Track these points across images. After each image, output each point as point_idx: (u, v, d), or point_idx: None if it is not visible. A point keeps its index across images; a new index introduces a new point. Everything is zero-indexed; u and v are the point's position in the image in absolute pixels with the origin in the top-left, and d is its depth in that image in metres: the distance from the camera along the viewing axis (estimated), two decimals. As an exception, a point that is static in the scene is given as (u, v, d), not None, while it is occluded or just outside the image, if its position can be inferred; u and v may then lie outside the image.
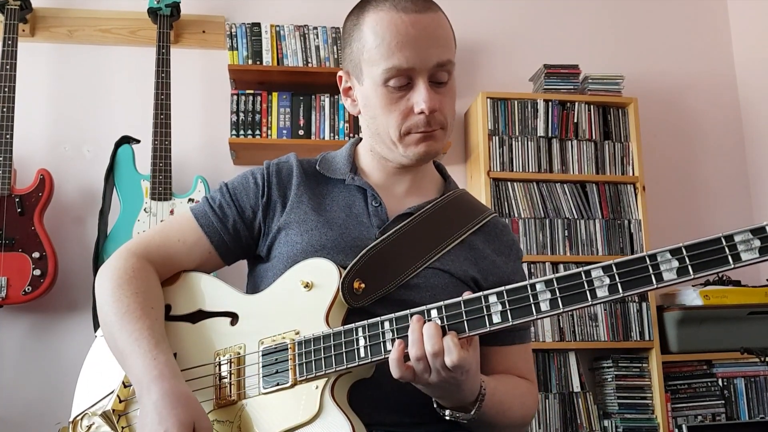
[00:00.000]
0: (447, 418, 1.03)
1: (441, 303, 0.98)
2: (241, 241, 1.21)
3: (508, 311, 0.94)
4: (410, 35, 1.09)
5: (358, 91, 1.18)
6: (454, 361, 0.93)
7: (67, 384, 1.28)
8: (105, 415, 1.10)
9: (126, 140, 2.78)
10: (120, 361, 1.10)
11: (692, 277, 0.87)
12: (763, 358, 2.39)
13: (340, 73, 1.22)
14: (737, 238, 0.86)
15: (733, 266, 0.86)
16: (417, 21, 1.09)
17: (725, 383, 2.92)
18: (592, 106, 3.09)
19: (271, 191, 1.21)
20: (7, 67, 2.70)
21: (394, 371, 0.96)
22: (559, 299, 0.92)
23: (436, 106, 1.11)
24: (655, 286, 0.89)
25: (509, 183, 2.96)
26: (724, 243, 0.86)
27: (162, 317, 1.14)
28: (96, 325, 2.53)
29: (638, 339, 2.87)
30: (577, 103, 3.07)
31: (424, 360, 0.94)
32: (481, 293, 0.96)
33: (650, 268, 0.89)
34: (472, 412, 1.02)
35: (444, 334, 0.95)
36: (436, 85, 1.12)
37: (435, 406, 1.05)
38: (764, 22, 3.36)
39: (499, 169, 2.96)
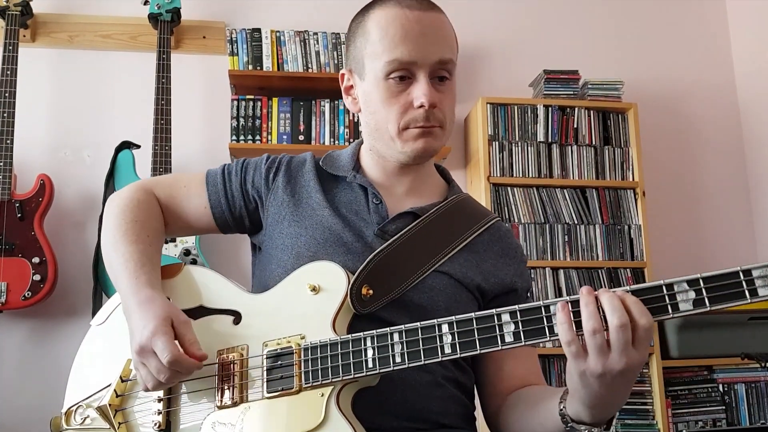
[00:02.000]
0: None
1: (452, 318, 0.96)
2: (235, 210, 1.25)
3: (521, 332, 0.93)
4: (414, 30, 1.11)
5: (360, 88, 1.20)
6: (651, 321, 0.85)
7: (67, 389, 1.27)
8: (101, 410, 1.09)
9: (126, 145, 2.78)
10: (114, 281, 1.16)
11: (708, 309, 0.86)
12: (763, 364, 2.39)
13: (342, 71, 1.24)
14: (755, 273, 0.85)
15: (750, 300, 0.85)
16: (421, 18, 1.12)
17: (726, 389, 2.92)
18: (591, 112, 3.09)
19: (277, 175, 1.24)
20: (8, 72, 2.70)
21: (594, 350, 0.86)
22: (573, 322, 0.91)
23: (436, 102, 1.12)
24: (671, 315, 0.88)
25: (509, 188, 2.96)
26: (742, 277, 0.85)
27: (157, 245, 1.20)
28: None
29: (639, 344, 2.87)
30: (576, 109, 3.07)
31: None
32: (493, 311, 0.95)
33: (666, 297, 0.88)
34: (613, 426, 0.96)
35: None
36: (437, 83, 1.14)
37: (568, 428, 0.96)
38: (763, 27, 3.37)
39: (499, 175, 2.96)
